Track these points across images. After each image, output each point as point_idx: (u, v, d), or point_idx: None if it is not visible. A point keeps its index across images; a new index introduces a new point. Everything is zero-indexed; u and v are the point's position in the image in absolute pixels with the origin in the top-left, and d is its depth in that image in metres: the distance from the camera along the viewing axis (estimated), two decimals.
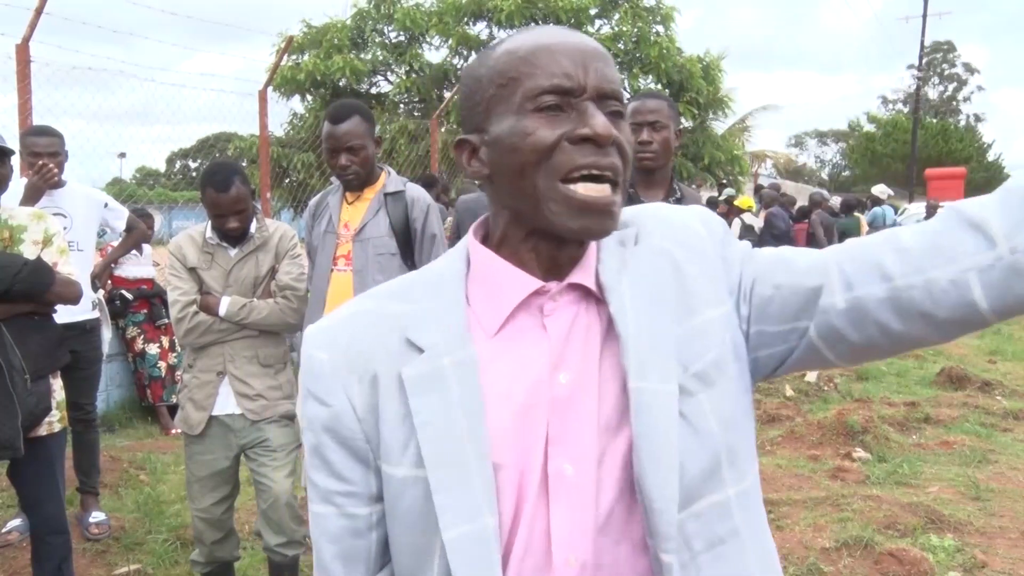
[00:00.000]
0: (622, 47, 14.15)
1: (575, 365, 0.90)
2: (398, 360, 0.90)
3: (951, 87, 50.60)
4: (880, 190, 11.57)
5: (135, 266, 5.99)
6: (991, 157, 41.23)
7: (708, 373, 0.90)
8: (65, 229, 3.52)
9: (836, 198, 13.59)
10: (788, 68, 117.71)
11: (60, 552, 2.81)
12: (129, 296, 5.99)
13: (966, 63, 50.63)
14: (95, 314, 4.02)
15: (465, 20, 14.27)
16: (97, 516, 3.98)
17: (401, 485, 0.89)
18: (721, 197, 11.24)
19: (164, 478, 4.78)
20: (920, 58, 32.01)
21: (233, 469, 2.98)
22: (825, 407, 6.25)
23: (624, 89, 15.08)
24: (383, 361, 0.90)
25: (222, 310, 2.84)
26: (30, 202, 3.48)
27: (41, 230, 2.66)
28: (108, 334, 4.36)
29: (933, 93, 49.45)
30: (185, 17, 7.41)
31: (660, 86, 13.24)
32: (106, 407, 5.95)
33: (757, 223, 9.84)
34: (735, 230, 8.62)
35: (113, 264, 5.50)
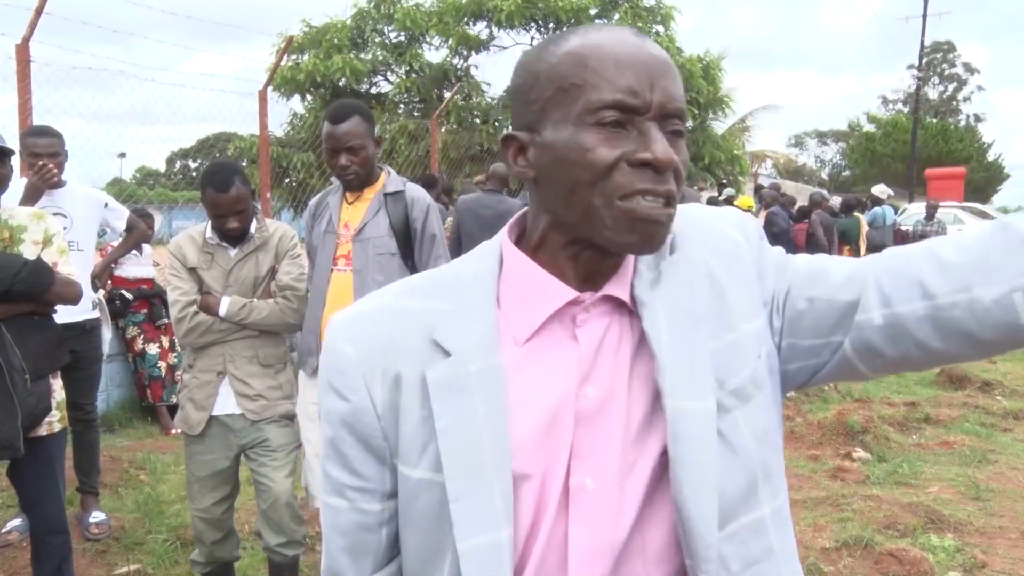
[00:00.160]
0: None
1: (604, 378, 0.87)
2: (423, 361, 0.88)
3: (951, 87, 50.59)
4: (880, 190, 11.57)
5: (135, 266, 5.99)
6: (991, 157, 41.23)
7: (745, 389, 0.88)
8: (65, 229, 3.52)
9: (836, 198, 13.59)
10: (788, 68, 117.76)
11: (60, 552, 2.81)
12: (129, 296, 5.99)
13: (966, 63, 50.63)
14: (95, 314, 4.01)
15: (465, 20, 14.27)
16: (97, 516, 3.98)
17: (417, 487, 0.88)
18: (721, 197, 11.24)
19: (164, 478, 4.78)
20: (920, 58, 32.00)
21: (233, 469, 2.98)
22: (825, 407, 6.26)
23: None
24: (407, 360, 0.88)
25: (222, 310, 2.84)
26: (30, 202, 3.48)
27: (41, 230, 2.66)
28: (108, 334, 4.36)
29: (933, 93, 49.44)
30: (185, 17, 7.41)
31: None
32: (106, 407, 5.95)
33: (757, 223, 9.82)
34: None
35: (113, 264, 5.50)
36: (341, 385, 0.91)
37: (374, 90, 15.03)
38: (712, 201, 10.67)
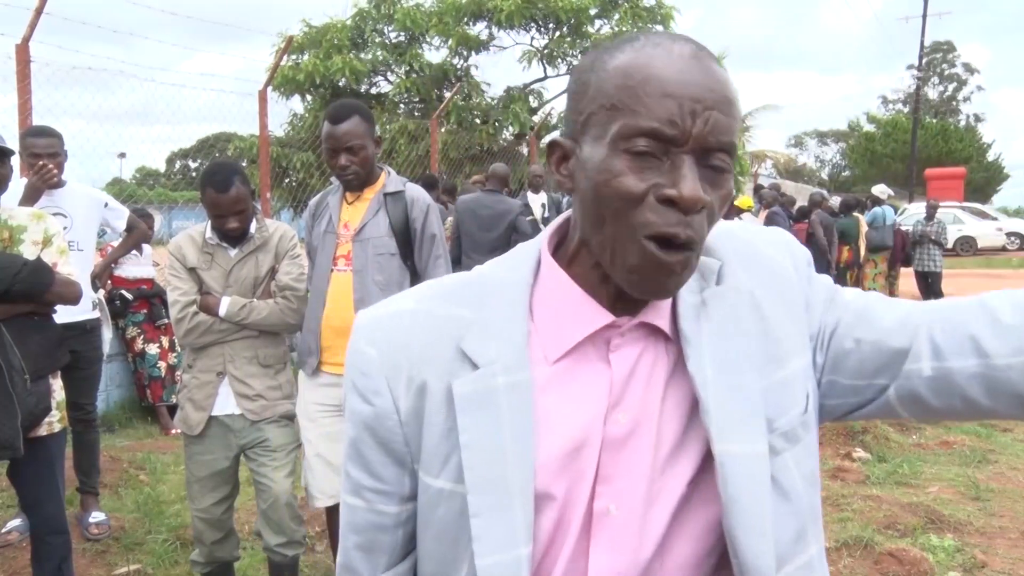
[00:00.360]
0: None
1: (635, 404, 0.85)
2: (450, 370, 0.85)
3: (951, 87, 50.60)
4: (880, 190, 11.56)
5: (135, 266, 5.99)
6: (991, 157, 41.25)
7: (795, 431, 0.86)
8: (65, 229, 3.52)
9: (836, 198, 13.59)
10: (788, 68, 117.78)
11: (60, 552, 2.81)
12: (129, 296, 5.99)
13: (966, 63, 50.66)
14: (95, 314, 4.01)
15: (465, 20, 14.27)
16: (97, 516, 3.98)
17: (437, 496, 0.87)
18: None
19: (164, 478, 4.78)
20: (920, 58, 32.02)
21: (233, 469, 2.98)
22: None
23: None
24: (434, 369, 0.86)
25: (222, 310, 2.84)
26: (29, 202, 3.48)
27: (41, 230, 2.66)
28: (108, 334, 4.36)
29: (933, 93, 49.45)
30: (185, 17, 7.42)
31: None
32: (106, 407, 5.95)
33: (757, 223, 9.84)
34: None
35: (113, 264, 5.50)
36: (364, 388, 0.89)
37: (374, 90, 15.04)
38: None
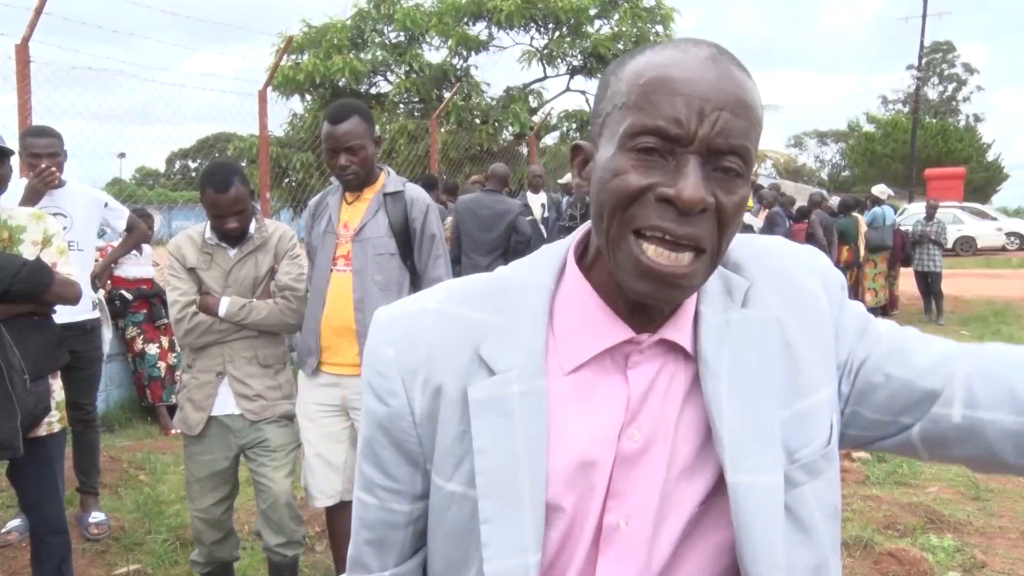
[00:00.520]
0: (622, 47, 14.15)
1: (650, 422, 0.84)
2: (466, 375, 0.85)
3: (951, 87, 50.62)
4: (880, 190, 11.56)
5: (135, 266, 5.99)
6: (991, 157, 41.25)
7: (817, 464, 0.84)
8: (65, 229, 3.52)
9: (835, 198, 13.59)
10: (788, 68, 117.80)
11: (60, 552, 2.81)
12: (129, 296, 5.99)
13: (965, 63, 50.69)
14: (95, 314, 4.01)
15: (465, 20, 14.28)
16: (97, 516, 3.98)
17: (448, 498, 0.87)
18: None
19: (164, 478, 4.77)
20: (920, 58, 32.01)
21: (232, 469, 2.98)
22: None
23: None
24: (450, 372, 0.86)
25: (221, 310, 2.84)
26: (29, 204, 3.47)
27: (40, 230, 2.66)
28: (109, 334, 4.36)
29: (933, 93, 49.46)
30: (185, 17, 7.42)
31: None
32: (106, 407, 5.95)
33: (757, 223, 9.84)
34: None
35: (113, 264, 5.49)
36: (380, 387, 0.89)
37: (374, 90, 15.04)
38: None
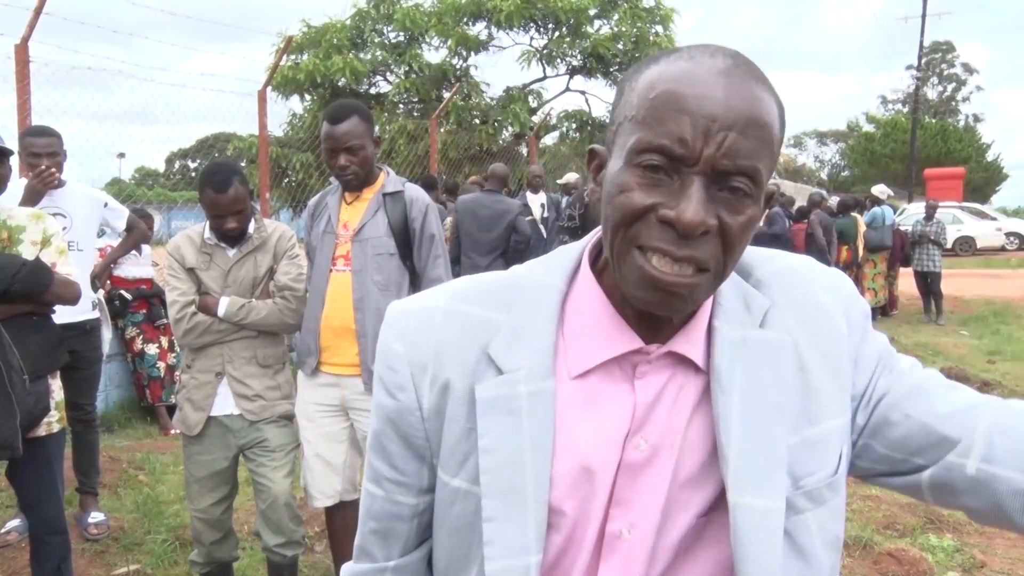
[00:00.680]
0: (621, 47, 14.16)
1: (657, 432, 0.84)
2: (474, 373, 0.86)
3: (950, 87, 50.65)
4: (879, 190, 11.57)
5: (134, 266, 5.99)
6: (990, 157, 41.27)
7: (821, 492, 0.84)
8: (64, 229, 3.52)
9: (835, 198, 13.59)
10: (788, 68, 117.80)
11: (59, 552, 2.81)
12: (128, 296, 5.99)
13: (965, 63, 50.72)
14: (95, 314, 4.01)
15: (464, 20, 14.28)
16: (96, 516, 3.98)
17: (453, 495, 0.87)
18: None
19: (163, 478, 4.77)
20: (919, 58, 32.02)
21: (232, 469, 2.98)
22: None
23: None
24: (458, 370, 0.86)
25: (221, 310, 2.83)
26: (29, 204, 3.47)
27: (40, 230, 2.66)
28: (108, 334, 4.35)
29: (932, 93, 49.49)
30: (185, 17, 7.42)
31: None
32: (105, 407, 5.95)
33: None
34: None
35: (112, 264, 5.49)
36: (390, 382, 0.90)
37: (373, 90, 15.04)
38: None
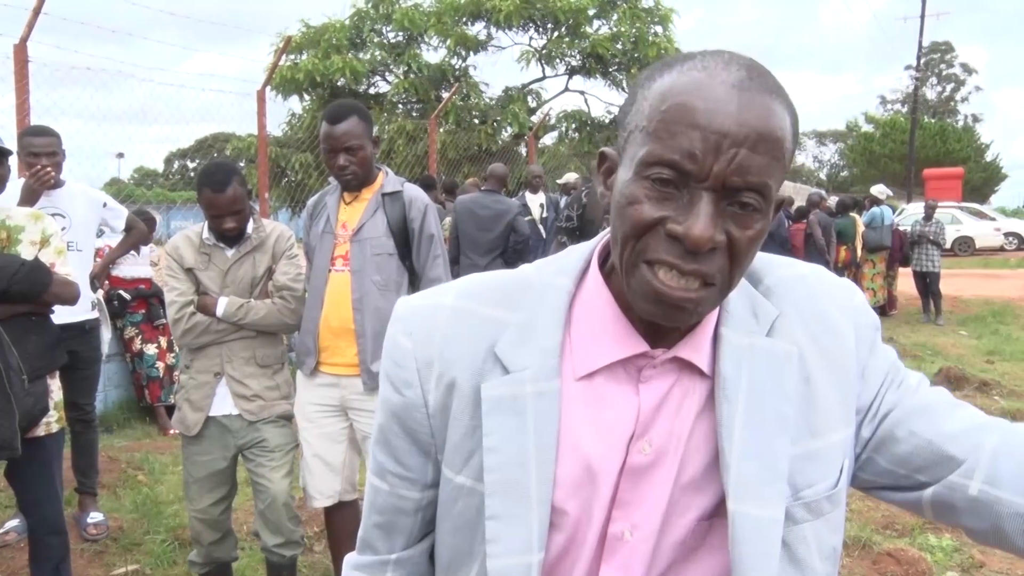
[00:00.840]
0: (620, 47, 14.17)
1: (661, 436, 0.84)
2: (480, 371, 0.86)
3: (949, 87, 50.68)
4: (879, 190, 11.57)
5: (133, 266, 5.98)
6: (989, 157, 41.29)
7: (820, 504, 0.84)
8: (64, 229, 3.52)
9: (834, 198, 13.59)
10: (788, 68, 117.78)
11: (58, 552, 2.80)
12: (127, 296, 5.98)
13: (964, 63, 50.78)
14: (94, 314, 4.01)
15: (463, 20, 14.29)
16: (95, 516, 3.97)
17: (457, 492, 0.88)
18: None
19: (162, 478, 4.77)
20: (918, 58, 32.04)
21: (231, 470, 2.98)
22: None
23: (623, 91, 15.10)
24: (465, 367, 0.87)
25: (219, 310, 2.83)
26: (27, 204, 3.47)
27: (39, 231, 2.66)
28: (108, 334, 4.35)
29: (931, 93, 49.52)
30: (184, 17, 7.46)
31: None
32: (104, 407, 5.94)
33: None
34: None
35: (111, 264, 5.49)
36: (396, 378, 0.90)
37: (372, 90, 15.05)
38: None
